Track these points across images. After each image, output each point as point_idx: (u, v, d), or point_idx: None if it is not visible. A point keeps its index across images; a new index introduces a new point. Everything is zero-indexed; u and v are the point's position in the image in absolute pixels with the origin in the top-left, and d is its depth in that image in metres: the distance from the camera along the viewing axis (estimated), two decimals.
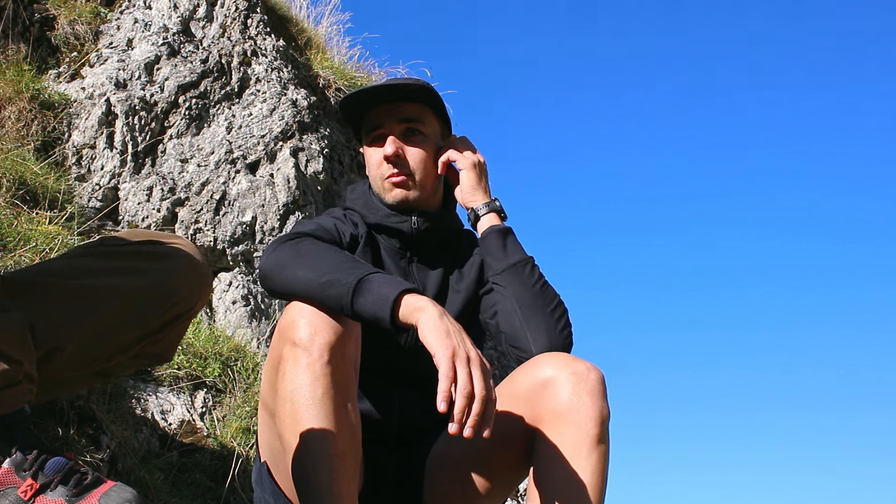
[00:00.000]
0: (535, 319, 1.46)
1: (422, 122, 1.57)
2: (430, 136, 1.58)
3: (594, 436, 1.27)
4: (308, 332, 1.22)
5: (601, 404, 1.28)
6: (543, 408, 1.30)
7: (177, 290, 1.38)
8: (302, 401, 1.20)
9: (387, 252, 1.57)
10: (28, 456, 1.09)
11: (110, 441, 1.81)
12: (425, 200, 1.59)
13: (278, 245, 1.37)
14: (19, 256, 1.99)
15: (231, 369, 2.58)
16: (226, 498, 2.09)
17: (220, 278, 3.05)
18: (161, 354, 1.48)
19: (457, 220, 1.69)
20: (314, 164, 3.39)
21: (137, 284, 1.33)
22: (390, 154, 1.53)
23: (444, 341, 1.16)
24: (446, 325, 1.18)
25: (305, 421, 1.20)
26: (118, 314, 1.32)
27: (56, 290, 1.26)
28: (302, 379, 1.21)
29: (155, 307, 1.36)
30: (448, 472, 1.43)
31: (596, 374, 1.30)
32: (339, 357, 1.23)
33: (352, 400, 1.25)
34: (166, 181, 3.04)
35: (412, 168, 1.55)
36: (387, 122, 1.56)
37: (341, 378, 1.23)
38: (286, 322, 1.26)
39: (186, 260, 1.41)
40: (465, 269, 1.61)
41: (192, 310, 1.46)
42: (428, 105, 1.59)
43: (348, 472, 1.21)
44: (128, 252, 1.37)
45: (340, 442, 1.20)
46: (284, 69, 3.68)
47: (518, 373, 1.38)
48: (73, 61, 3.29)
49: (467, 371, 1.15)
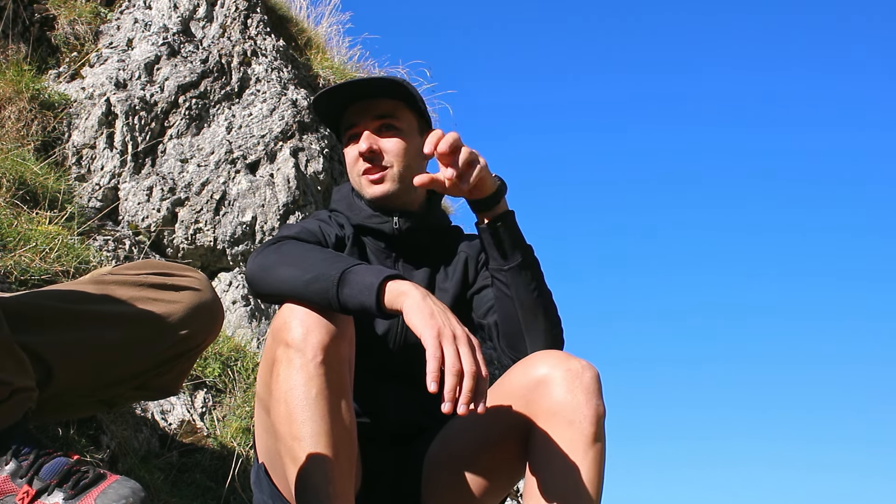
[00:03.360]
0: (535, 324, 1.45)
1: (395, 117, 1.55)
2: (405, 129, 1.56)
3: (590, 434, 1.27)
4: (301, 332, 1.22)
5: (596, 402, 1.28)
6: (538, 406, 1.31)
7: (183, 325, 1.37)
8: (296, 402, 1.20)
9: (373, 252, 1.57)
10: (24, 462, 1.08)
11: (110, 441, 1.81)
12: (405, 196, 1.56)
13: (261, 250, 1.37)
14: (19, 256, 1.99)
15: (231, 369, 2.58)
16: (226, 498, 2.09)
17: (219, 278, 3.05)
18: (165, 388, 1.47)
19: (441, 218, 1.68)
20: (314, 164, 3.39)
21: (140, 314, 1.32)
22: (364, 150, 1.51)
23: (429, 321, 1.16)
24: (430, 306, 1.18)
25: (300, 422, 1.20)
26: (117, 342, 1.31)
27: (51, 311, 1.26)
28: (296, 380, 1.21)
29: (159, 340, 1.35)
30: (446, 470, 1.43)
31: (591, 372, 1.30)
32: (333, 357, 1.23)
33: (346, 399, 1.25)
34: (166, 181, 3.04)
35: (389, 161, 1.53)
36: (361, 120, 1.55)
37: (335, 378, 1.23)
38: (279, 323, 1.26)
39: (196, 295, 1.39)
40: (451, 268, 1.61)
41: (201, 346, 1.45)
42: (401, 99, 1.56)
43: (344, 472, 1.21)
44: (135, 282, 1.36)
45: (335, 442, 1.21)
46: (284, 69, 3.68)
47: (513, 371, 1.38)
48: (73, 61, 3.29)
49: (454, 349, 1.14)
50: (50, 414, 1.43)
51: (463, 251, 1.63)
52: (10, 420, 1.12)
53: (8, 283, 1.90)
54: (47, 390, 1.23)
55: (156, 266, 1.42)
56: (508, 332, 1.48)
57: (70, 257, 2.13)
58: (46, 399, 1.24)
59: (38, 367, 1.20)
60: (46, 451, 1.12)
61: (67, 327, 1.26)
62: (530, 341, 1.45)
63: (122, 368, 1.35)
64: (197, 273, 1.45)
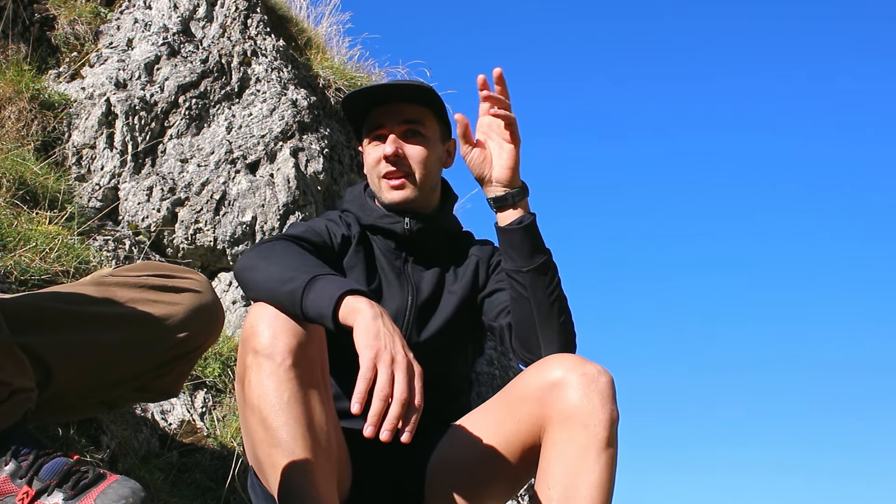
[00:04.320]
0: (550, 327, 1.44)
1: (422, 124, 1.57)
2: (430, 137, 1.58)
3: (603, 439, 1.27)
4: (268, 337, 1.21)
5: (611, 407, 1.28)
6: (552, 409, 1.30)
7: (183, 327, 1.36)
8: (270, 407, 1.19)
9: (382, 252, 1.58)
10: (23, 462, 1.08)
11: (110, 441, 1.81)
12: (422, 201, 1.58)
13: (254, 247, 1.38)
14: (19, 256, 1.99)
15: (231, 369, 2.58)
16: (226, 498, 2.09)
17: (219, 278, 3.05)
18: (165, 389, 1.47)
19: (453, 221, 1.69)
20: (314, 164, 3.39)
21: (140, 316, 1.32)
22: (390, 153, 1.53)
23: (371, 343, 1.14)
24: (378, 327, 1.16)
25: (276, 427, 1.19)
26: (117, 343, 1.30)
27: (51, 313, 1.26)
28: (267, 385, 1.20)
29: (158, 341, 1.35)
30: (451, 473, 1.43)
31: (606, 377, 1.30)
32: (303, 360, 1.22)
33: (322, 401, 1.25)
34: (166, 181, 3.04)
35: (412, 167, 1.55)
36: (387, 123, 1.56)
37: (307, 381, 1.22)
38: (247, 330, 1.25)
39: (196, 297, 1.39)
40: (461, 271, 1.61)
41: (201, 348, 1.44)
42: (429, 107, 1.59)
43: (325, 473, 1.21)
44: (135, 284, 1.36)
45: (313, 444, 1.20)
46: (284, 69, 3.68)
47: (527, 373, 1.38)
48: (73, 61, 3.29)
49: (388, 373, 1.12)
50: (50, 415, 1.43)
51: (474, 255, 1.63)
52: (9, 421, 1.12)
53: (8, 283, 1.89)
54: (47, 391, 1.23)
55: (156, 268, 1.42)
56: (523, 334, 1.47)
57: (70, 257, 2.13)
58: (46, 400, 1.24)
59: (37, 368, 1.20)
60: (46, 451, 1.11)
61: (67, 328, 1.26)
62: (544, 344, 1.45)
63: (121, 370, 1.35)
64: (198, 275, 1.44)
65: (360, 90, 1.57)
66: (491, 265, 1.62)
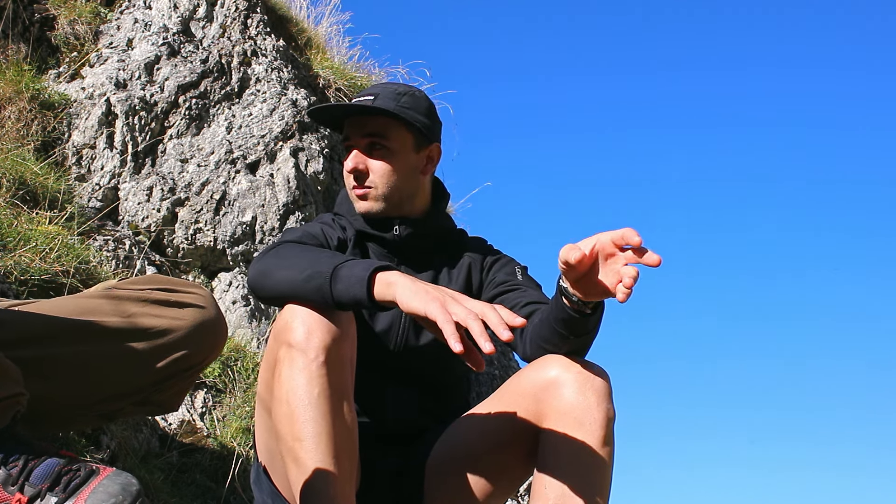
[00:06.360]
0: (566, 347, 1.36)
1: (385, 137, 1.54)
2: (394, 149, 1.54)
3: (600, 437, 1.27)
4: (303, 333, 1.22)
5: (607, 405, 1.28)
6: (549, 406, 1.30)
7: (185, 342, 1.36)
8: (298, 402, 1.20)
9: (375, 256, 1.58)
10: (13, 470, 1.06)
11: (110, 441, 1.81)
12: (402, 208, 1.57)
13: (260, 256, 1.38)
14: (19, 256, 1.99)
15: (231, 369, 2.58)
16: (226, 498, 2.09)
17: (220, 278, 3.05)
18: (166, 403, 1.47)
19: (445, 220, 1.68)
20: (314, 164, 3.39)
21: (140, 331, 1.32)
22: (350, 168, 1.54)
23: (427, 299, 1.13)
24: (422, 286, 1.16)
25: (302, 422, 1.20)
26: (115, 357, 1.30)
27: (48, 324, 1.25)
28: (298, 380, 1.21)
29: (157, 357, 1.34)
30: (451, 471, 1.43)
31: (602, 376, 1.30)
32: (335, 357, 1.23)
33: (348, 400, 1.26)
34: (166, 181, 3.04)
35: (374, 181, 1.54)
36: (353, 136, 1.56)
37: (337, 379, 1.23)
38: (281, 324, 1.26)
39: (199, 313, 1.39)
40: (455, 273, 1.61)
41: (202, 363, 1.44)
42: (397, 118, 1.53)
43: (345, 473, 1.21)
44: (138, 297, 1.35)
45: (337, 443, 1.21)
46: (284, 69, 3.68)
47: (524, 371, 1.38)
48: (73, 61, 3.29)
49: (460, 305, 1.11)
50: (50, 427, 1.43)
51: (467, 255, 1.63)
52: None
53: (8, 283, 1.90)
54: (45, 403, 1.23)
55: (160, 281, 1.41)
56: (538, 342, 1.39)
57: (70, 257, 2.13)
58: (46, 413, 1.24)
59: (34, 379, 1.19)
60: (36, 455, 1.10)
61: (65, 341, 1.26)
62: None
63: (120, 384, 1.34)
64: (201, 289, 1.44)
65: (316, 108, 1.58)
66: (484, 267, 1.62)
